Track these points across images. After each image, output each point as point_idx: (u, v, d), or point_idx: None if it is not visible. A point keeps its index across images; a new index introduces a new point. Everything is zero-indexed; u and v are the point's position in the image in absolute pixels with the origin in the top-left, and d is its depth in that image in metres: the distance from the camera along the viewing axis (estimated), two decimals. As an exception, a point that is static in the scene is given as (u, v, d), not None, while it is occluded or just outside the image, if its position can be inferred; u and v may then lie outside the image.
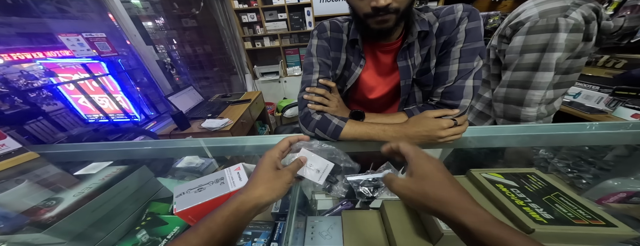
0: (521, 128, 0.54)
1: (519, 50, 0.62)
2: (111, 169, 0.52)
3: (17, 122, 1.14)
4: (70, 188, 0.47)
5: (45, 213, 0.39)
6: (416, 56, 0.51)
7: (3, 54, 1.21)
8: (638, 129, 0.49)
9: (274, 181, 0.29)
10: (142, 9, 1.97)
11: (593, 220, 0.33)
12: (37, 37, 1.42)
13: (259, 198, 0.27)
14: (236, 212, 0.26)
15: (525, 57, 0.60)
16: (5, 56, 1.22)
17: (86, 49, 1.27)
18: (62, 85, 1.47)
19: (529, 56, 0.60)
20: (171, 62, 2.00)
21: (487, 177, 0.44)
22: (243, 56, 2.77)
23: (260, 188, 0.28)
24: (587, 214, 0.34)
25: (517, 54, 0.62)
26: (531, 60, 0.60)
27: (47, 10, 1.38)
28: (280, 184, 0.29)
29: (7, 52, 1.23)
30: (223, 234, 0.24)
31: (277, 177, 0.30)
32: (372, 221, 0.47)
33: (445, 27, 0.48)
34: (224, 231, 0.24)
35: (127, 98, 1.69)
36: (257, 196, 0.27)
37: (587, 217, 0.34)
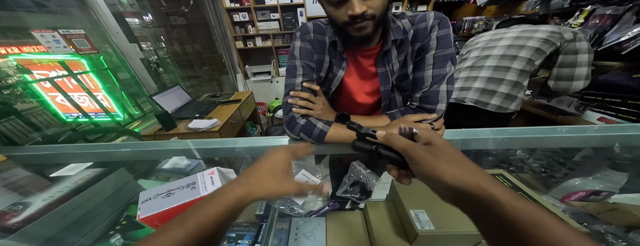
0: (499, 131, 0.57)
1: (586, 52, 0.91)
2: (86, 172, 0.50)
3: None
4: (41, 191, 0.45)
5: (11, 219, 0.37)
6: (394, 62, 0.53)
7: None
8: (602, 132, 0.53)
9: (280, 185, 0.26)
10: (128, 5, 1.90)
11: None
12: (12, 31, 1.33)
13: (260, 198, 0.25)
14: (232, 209, 0.22)
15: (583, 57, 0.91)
16: None
17: (62, 45, 1.20)
18: (37, 82, 1.39)
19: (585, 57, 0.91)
20: (157, 61, 1.93)
21: None
22: (234, 55, 2.73)
23: (265, 186, 0.25)
24: None
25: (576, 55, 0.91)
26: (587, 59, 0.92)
27: (23, 4, 1.30)
28: (282, 192, 0.26)
29: None
30: (214, 231, 0.21)
31: (281, 184, 0.26)
32: (356, 222, 0.48)
33: (418, 34, 0.50)
34: (216, 227, 0.21)
35: (109, 97, 1.63)
36: (259, 195, 0.25)
37: None
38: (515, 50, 0.96)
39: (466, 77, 1.07)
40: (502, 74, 0.97)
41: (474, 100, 1.01)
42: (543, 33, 0.93)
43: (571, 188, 0.51)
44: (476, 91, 1.02)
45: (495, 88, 0.98)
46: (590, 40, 1.18)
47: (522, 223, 0.17)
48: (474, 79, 1.04)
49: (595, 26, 1.18)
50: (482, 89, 1.00)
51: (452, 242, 0.36)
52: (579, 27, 1.26)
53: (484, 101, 1.00)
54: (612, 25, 1.13)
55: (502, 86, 0.97)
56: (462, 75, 1.09)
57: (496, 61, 1.00)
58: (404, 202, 0.41)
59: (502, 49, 1.00)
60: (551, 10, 1.50)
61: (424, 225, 0.36)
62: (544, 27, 0.95)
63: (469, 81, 1.05)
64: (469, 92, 1.04)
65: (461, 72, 1.11)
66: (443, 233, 0.35)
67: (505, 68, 0.97)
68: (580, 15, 1.27)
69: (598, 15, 1.18)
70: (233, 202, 0.23)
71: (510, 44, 0.99)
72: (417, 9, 2.54)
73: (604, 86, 1.09)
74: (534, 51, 0.93)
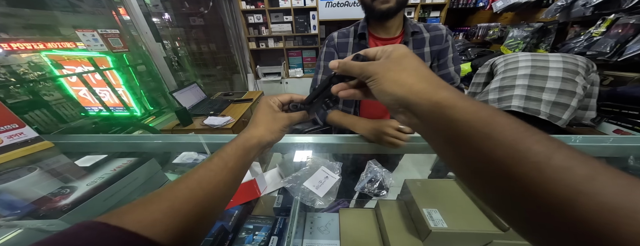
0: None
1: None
2: (122, 160, 0.54)
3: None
4: (80, 178, 0.49)
5: (61, 201, 0.41)
6: None
7: (3, 44, 1.22)
8: (617, 143, 0.53)
9: (272, 123, 0.31)
10: (152, 6, 1.99)
11: None
12: (44, 29, 1.43)
13: (261, 137, 0.29)
14: (243, 146, 0.28)
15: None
16: (5, 45, 1.22)
17: (99, 44, 1.29)
18: (65, 77, 1.48)
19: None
20: (178, 60, 2.02)
21: None
22: (247, 55, 2.81)
23: (260, 128, 0.30)
24: None
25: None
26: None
27: (60, 4, 1.40)
28: (278, 127, 0.31)
29: (8, 42, 1.24)
30: (234, 163, 0.26)
31: (275, 120, 0.31)
32: (367, 219, 0.50)
33: (436, 39, 0.65)
34: (235, 160, 0.26)
35: (128, 92, 1.71)
36: (258, 135, 0.29)
37: None
38: (572, 73, 0.93)
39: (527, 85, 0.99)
40: (572, 86, 0.92)
41: (547, 114, 0.94)
42: (582, 60, 0.95)
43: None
44: (547, 104, 0.94)
45: (568, 101, 0.91)
46: (611, 50, 1.15)
47: (473, 125, 0.16)
48: (540, 90, 0.96)
49: (617, 36, 1.15)
50: (554, 101, 0.93)
51: (464, 241, 0.38)
52: (600, 36, 1.24)
53: (556, 115, 0.93)
54: (635, 35, 1.10)
55: (573, 99, 0.91)
56: (518, 82, 1.00)
57: (561, 74, 0.94)
58: (417, 201, 0.43)
59: (559, 71, 0.95)
60: (572, 18, 1.47)
61: (437, 223, 0.38)
62: (579, 57, 0.97)
63: (535, 91, 0.97)
64: (530, 103, 0.96)
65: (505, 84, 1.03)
66: (456, 232, 0.36)
67: (572, 82, 0.92)
68: (603, 24, 1.24)
69: (621, 25, 1.15)
70: (242, 141, 0.28)
71: (565, 67, 0.95)
72: (429, 14, 2.54)
73: (622, 98, 1.07)
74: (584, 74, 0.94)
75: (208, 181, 0.22)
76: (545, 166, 0.13)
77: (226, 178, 0.24)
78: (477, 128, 0.16)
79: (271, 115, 0.31)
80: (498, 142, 0.15)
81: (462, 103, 0.17)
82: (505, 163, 0.14)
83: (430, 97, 0.19)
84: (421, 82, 0.20)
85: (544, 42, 1.71)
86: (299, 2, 2.42)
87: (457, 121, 0.17)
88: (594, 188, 0.12)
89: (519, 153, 0.14)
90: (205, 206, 0.21)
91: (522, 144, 0.14)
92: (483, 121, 0.16)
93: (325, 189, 0.45)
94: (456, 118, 0.17)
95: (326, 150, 0.56)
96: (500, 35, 2.11)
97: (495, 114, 0.16)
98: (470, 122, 0.16)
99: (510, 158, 0.14)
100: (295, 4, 2.42)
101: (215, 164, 0.25)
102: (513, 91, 0.99)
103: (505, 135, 0.15)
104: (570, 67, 0.94)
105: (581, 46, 1.31)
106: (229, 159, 0.26)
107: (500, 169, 0.14)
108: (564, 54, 0.99)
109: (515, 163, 0.14)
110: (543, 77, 0.96)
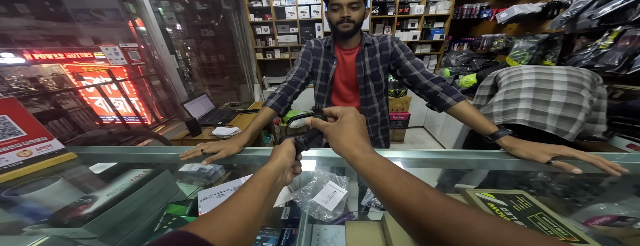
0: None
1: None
2: (138, 171, 0.57)
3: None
4: (100, 188, 0.52)
5: (83, 210, 0.44)
6: (366, 61, 0.84)
7: (26, 54, 1.30)
8: (630, 160, 0.52)
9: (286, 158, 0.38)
10: (167, 18, 2.11)
11: (569, 238, 0.37)
12: (65, 40, 1.54)
13: (272, 165, 0.35)
14: (265, 170, 0.34)
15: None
16: (28, 55, 1.31)
17: (120, 58, 1.37)
18: (83, 87, 1.57)
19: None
20: (189, 71, 2.10)
21: (480, 196, 0.49)
22: (254, 66, 2.89)
23: (277, 160, 0.36)
24: (564, 231, 0.38)
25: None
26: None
27: (83, 18, 1.51)
28: (290, 161, 0.38)
29: (31, 52, 1.33)
30: (262, 185, 0.31)
31: (289, 157, 0.38)
32: (373, 231, 0.51)
33: (383, 47, 0.83)
34: (262, 183, 0.31)
35: (141, 102, 1.78)
36: (270, 165, 0.35)
37: (564, 234, 0.38)
38: (577, 87, 0.92)
39: (532, 99, 0.97)
40: (578, 100, 0.90)
41: (554, 128, 0.92)
42: (586, 73, 0.94)
43: (595, 212, 0.51)
44: (554, 118, 0.92)
45: (574, 115, 0.90)
46: (619, 63, 1.15)
47: (367, 167, 0.28)
48: (545, 103, 0.94)
49: (625, 48, 1.14)
50: (560, 116, 0.91)
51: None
52: (607, 48, 1.23)
53: (563, 129, 0.91)
54: (643, 48, 1.08)
55: (580, 114, 0.89)
56: (522, 96, 0.99)
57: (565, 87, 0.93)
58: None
59: (564, 84, 0.94)
60: (578, 30, 1.46)
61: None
62: (583, 70, 0.96)
63: (541, 105, 0.95)
64: (536, 117, 0.94)
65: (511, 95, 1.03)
66: None
67: (578, 95, 0.90)
68: (610, 36, 1.23)
69: (628, 37, 1.15)
70: (266, 168, 0.34)
71: (569, 80, 0.94)
72: (433, 25, 2.60)
73: (633, 112, 1.04)
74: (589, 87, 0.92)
75: (246, 197, 0.28)
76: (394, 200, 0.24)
77: (258, 196, 0.29)
78: (371, 172, 0.27)
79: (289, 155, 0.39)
80: (378, 177, 0.26)
81: (363, 157, 0.29)
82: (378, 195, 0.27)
83: (349, 153, 0.31)
84: (348, 142, 0.32)
85: (551, 54, 1.71)
86: (305, 15, 2.52)
87: (362, 169, 0.28)
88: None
89: (386, 194, 0.25)
90: (249, 219, 0.26)
91: (387, 189, 0.25)
92: (372, 164, 0.28)
93: (334, 204, 0.47)
94: (359, 166, 0.29)
95: (333, 164, 0.58)
96: (505, 46, 2.12)
97: (377, 159, 0.28)
98: (366, 168, 0.28)
99: (378, 196, 0.27)
100: (301, 16, 2.52)
101: (248, 187, 0.31)
102: (518, 104, 0.99)
103: (382, 172, 0.26)
104: (575, 80, 0.93)
105: (589, 59, 1.30)
106: (258, 182, 0.31)
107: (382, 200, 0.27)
108: (568, 67, 0.99)
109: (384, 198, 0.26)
110: (548, 91, 0.95)
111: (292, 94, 0.84)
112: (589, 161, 0.50)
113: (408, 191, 0.23)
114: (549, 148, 0.53)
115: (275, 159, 0.36)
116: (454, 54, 2.50)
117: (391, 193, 0.24)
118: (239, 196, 0.28)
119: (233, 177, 0.80)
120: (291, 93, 0.84)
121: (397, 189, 0.24)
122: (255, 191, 0.29)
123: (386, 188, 0.25)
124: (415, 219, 0.21)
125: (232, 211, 0.26)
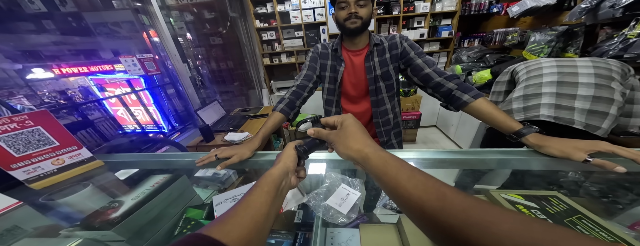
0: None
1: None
2: (158, 177, 0.60)
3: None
4: (125, 193, 0.56)
5: (111, 214, 0.47)
6: (376, 61, 0.82)
7: (55, 69, 1.41)
8: None
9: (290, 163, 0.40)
10: (178, 28, 2.22)
11: (615, 243, 0.33)
12: (88, 54, 1.65)
13: (275, 169, 0.37)
14: (270, 174, 0.35)
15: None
16: (57, 70, 1.41)
17: (138, 68, 1.45)
18: (107, 98, 1.67)
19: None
20: (201, 79, 2.19)
21: (507, 198, 0.45)
22: (261, 71, 2.96)
23: (281, 164, 0.38)
24: (610, 236, 0.34)
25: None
26: None
27: (103, 31, 1.63)
28: (293, 165, 0.40)
29: (59, 67, 1.43)
30: (268, 188, 0.32)
31: (293, 162, 0.40)
32: (389, 234, 0.50)
33: (392, 46, 0.81)
34: (268, 186, 0.33)
35: (158, 110, 1.88)
36: (274, 169, 0.37)
37: (610, 239, 0.34)
38: (606, 79, 0.86)
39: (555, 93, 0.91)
40: (609, 93, 0.84)
41: (583, 123, 0.86)
42: (615, 64, 0.88)
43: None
44: (582, 113, 0.87)
45: (606, 109, 0.84)
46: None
47: (379, 166, 0.27)
48: (571, 97, 0.89)
49: (656, 37, 1.06)
50: (589, 110, 0.85)
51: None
52: (636, 38, 1.16)
53: (594, 124, 0.85)
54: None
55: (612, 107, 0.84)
56: (544, 90, 0.94)
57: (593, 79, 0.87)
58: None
59: (591, 76, 0.88)
60: (600, 20, 1.37)
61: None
62: (611, 61, 0.90)
63: (566, 99, 0.89)
64: (562, 112, 0.89)
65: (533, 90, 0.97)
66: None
67: (608, 88, 0.85)
68: (637, 25, 1.16)
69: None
70: (270, 172, 0.35)
71: (596, 72, 0.89)
72: (440, 23, 2.55)
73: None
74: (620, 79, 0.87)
75: (254, 200, 0.30)
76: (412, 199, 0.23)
77: (265, 198, 0.30)
78: (383, 170, 0.27)
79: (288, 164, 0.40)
80: (392, 177, 0.26)
81: (375, 155, 0.29)
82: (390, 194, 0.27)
83: (360, 153, 0.30)
84: (357, 143, 0.32)
85: (572, 46, 1.61)
86: (309, 18, 2.55)
87: (374, 168, 0.28)
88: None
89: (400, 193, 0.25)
90: (258, 220, 0.28)
91: (401, 188, 0.24)
92: (384, 162, 0.28)
93: (348, 207, 0.47)
94: (371, 165, 0.29)
95: (344, 166, 0.58)
96: (520, 40, 2.02)
97: (389, 158, 0.28)
98: (379, 166, 0.28)
99: (391, 196, 0.27)
100: (306, 19, 2.55)
101: (256, 190, 0.32)
102: (540, 99, 0.94)
103: (393, 172, 0.26)
104: (602, 72, 0.87)
105: (616, 49, 1.23)
106: (264, 185, 0.33)
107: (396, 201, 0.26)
108: (593, 59, 0.92)
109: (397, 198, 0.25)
110: (573, 84, 0.89)
111: (301, 98, 0.85)
112: (631, 158, 0.44)
113: (424, 189, 0.22)
114: (583, 144, 0.48)
115: (278, 163, 0.38)
116: (465, 50, 2.43)
117: (406, 191, 0.23)
118: (248, 199, 0.29)
119: (246, 181, 0.83)
120: (300, 97, 0.84)
121: (412, 187, 0.23)
122: (262, 194, 0.30)
123: (400, 186, 0.24)
124: (432, 218, 0.20)
125: (242, 213, 0.27)
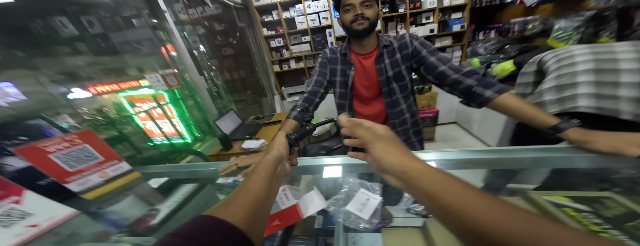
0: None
1: None
2: (187, 186, 0.66)
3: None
4: (160, 202, 0.62)
5: (151, 221, 0.53)
6: (387, 62, 0.82)
7: (91, 88, 1.56)
8: None
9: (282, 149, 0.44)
10: (191, 41, 2.36)
11: None
12: (118, 72, 1.82)
13: (270, 155, 0.41)
14: (265, 160, 0.39)
15: None
16: (93, 89, 1.57)
17: (161, 84, 1.58)
18: (137, 114, 1.83)
19: None
20: (217, 90, 2.31)
21: (551, 200, 0.41)
22: (272, 78, 3.05)
23: (274, 150, 0.42)
24: None
25: None
26: None
27: (128, 49, 1.79)
28: (285, 152, 0.44)
29: (94, 86, 1.59)
30: (265, 172, 0.36)
31: (285, 148, 0.44)
32: (414, 239, 0.47)
33: (402, 46, 0.80)
34: (265, 170, 0.36)
35: (181, 122, 2.01)
36: (268, 155, 0.41)
37: None
38: None
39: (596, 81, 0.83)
40: None
41: (631, 113, 0.78)
42: None
43: None
44: (629, 101, 0.78)
45: None
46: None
47: (429, 188, 0.24)
48: (613, 85, 0.80)
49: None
50: (638, 98, 0.76)
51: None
52: None
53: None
54: None
55: None
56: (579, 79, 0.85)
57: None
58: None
59: (634, 62, 0.78)
60: (634, 2, 1.26)
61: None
62: None
63: (608, 88, 0.82)
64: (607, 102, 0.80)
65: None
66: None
67: None
68: None
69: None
70: (265, 160, 0.39)
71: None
72: (450, 17, 2.47)
73: None
74: None
75: (253, 184, 0.33)
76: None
77: (263, 183, 0.34)
78: (434, 192, 0.24)
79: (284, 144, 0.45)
80: (444, 201, 0.22)
81: (426, 170, 0.26)
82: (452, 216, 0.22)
83: (405, 166, 0.28)
84: (401, 157, 0.29)
85: (606, 31, 1.46)
86: (315, 22, 2.59)
87: (422, 187, 0.25)
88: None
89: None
90: (259, 201, 0.31)
91: (471, 209, 0.20)
92: (435, 186, 0.24)
93: (369, 212, 0.47)
94: (420, 184, 0.25)
95: (361, 170, 0.59)
96: (543, 28, 1.89)
97: (446, 180, 0.24)
98: (427, 187, 0.25)
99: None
100: (312, 24, 2.59)
101: (253, 175, 0.35)
102: (576, 89, 0.86)
103: (452, 196, 0.22)
104: None
105: None
106: (261, 171, 0.36)
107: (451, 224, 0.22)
108: (635, 42, 0.82)
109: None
110: (613, 71, 0.80)
111: (313, 104, 0.86)
112: None
113: (508, 216, 0.18)
114: (636, 137, 0.43)
115: (272, 150, 0.42)
116: (482, 42, 2.32)
117: (472, 217, 0.19)
118: (247, 184, 0.33)
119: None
120: (312, 103, 0.86)
121: (486, 211, 0.19)
122: (259, 179, 0.34)
123: (465, 212, 0.20)
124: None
125: (243, 197, 0.30)
